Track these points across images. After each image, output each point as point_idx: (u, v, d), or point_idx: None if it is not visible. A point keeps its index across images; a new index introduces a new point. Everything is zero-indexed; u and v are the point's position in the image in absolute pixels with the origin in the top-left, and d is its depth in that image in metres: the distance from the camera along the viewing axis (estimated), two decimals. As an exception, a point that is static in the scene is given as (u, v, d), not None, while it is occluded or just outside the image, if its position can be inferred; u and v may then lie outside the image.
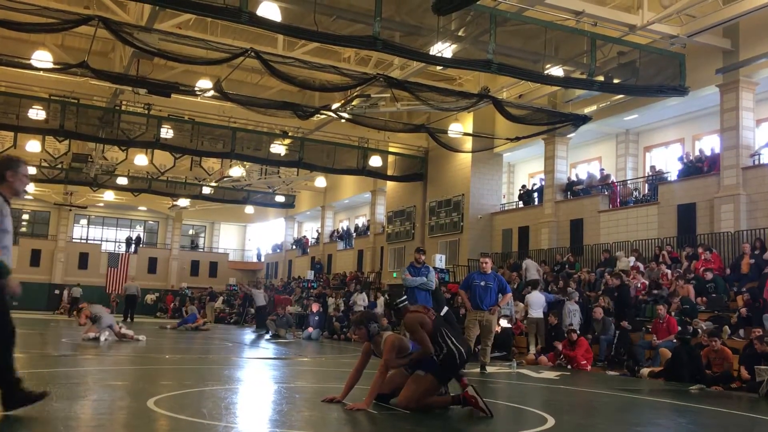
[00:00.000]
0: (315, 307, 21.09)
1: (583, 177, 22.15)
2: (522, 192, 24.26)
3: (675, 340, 11.69)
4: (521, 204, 24.05)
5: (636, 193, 20.55)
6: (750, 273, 14.14)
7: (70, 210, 40.38)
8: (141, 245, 43.92)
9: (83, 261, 40.66)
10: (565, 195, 21.52)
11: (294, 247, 41.06)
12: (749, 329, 11.13)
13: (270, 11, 12.97)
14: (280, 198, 34.04)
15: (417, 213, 26.71)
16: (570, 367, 12.66)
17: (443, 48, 13.71)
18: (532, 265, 18.74)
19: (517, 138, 19.75)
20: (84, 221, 45.08)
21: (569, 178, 22.17)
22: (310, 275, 32.00)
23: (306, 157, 24.02)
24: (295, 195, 36.01)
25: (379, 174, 26.36)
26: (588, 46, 14.03)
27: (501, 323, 13.72)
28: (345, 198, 35.05)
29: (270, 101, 19.27)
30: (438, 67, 18.51)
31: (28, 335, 15.02)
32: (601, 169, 21.98)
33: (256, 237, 48.70)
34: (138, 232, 45.65)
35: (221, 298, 34.00)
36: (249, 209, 41.40)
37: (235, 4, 11.46)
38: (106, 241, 44.48)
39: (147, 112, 21.60)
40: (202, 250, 47.80)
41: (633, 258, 17.05)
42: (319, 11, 12.28)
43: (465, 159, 23.93)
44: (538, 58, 14.32)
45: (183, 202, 37.18)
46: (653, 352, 12.37)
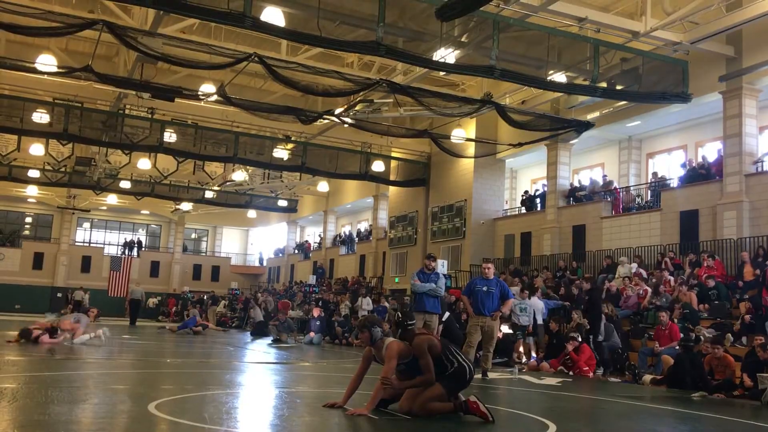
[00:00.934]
0: (316, 312, 21.08)
1: (586, 183, 22.14)
2: (524, 198, 24.25)
3: (678, 347, 11.65)
4: (524, 210, 24.03)
5: (638, 200, 20.53)
6: (754, 280, 14.11)
7: (73, 213, 40.46)
8: (143, 249, 43.95)
9: (86, 264, 40.69)
10: (568, 201, 21.51)
11: (296, 252, 41.08)
12: (752, 336, 11.09)
13: (274, 16, 12.98)
14: (282, 202, 34.05)
15: (419, 218, 26.71)
16: (572, 374, 12.63)
17: (446, 54, 13.73)
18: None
19: (520, 144, 19.75)
20: (87, 224, 45.16)
21: (572, 184, 22.16)
22: (312, 280, 32.02)
23: (309, 162, 24.04)
24: (298, 199, 36.04)
25: (382, 179, 26.38)
26: (591, 52, 14.05)
27: (502, 329, 13.69)
28: (347, 203, 35.06)
29: (273, 106, 19.31)
30: (441, 73, 18.53)
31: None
32: (604, 176, 21.97)
33: (258, 241, 48.73)
34: (139, 235, 45.68)
35: (223, 302, 34.01)
36: (251, 213, 41.44)
37: (239, 9, 11.49)
38: (108, 245, 44.54)
39: (150, 116, 21.64)
40: (204, 254, 47.86)
41: (635, 264, 17.03)
42: (323, 16, 12.31)
43: (467, 164, 23.93)
44: (541, 64, 14.33)
45: (186, 206, 37.22)
46: (655, 359, 12.34)
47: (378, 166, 25.42)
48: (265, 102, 20.13)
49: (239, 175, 29.38)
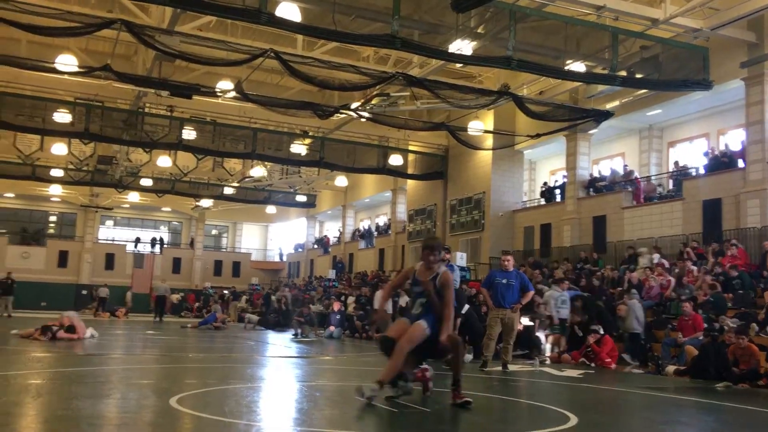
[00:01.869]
0: (336, 306, 21.15)
1: (606, 173, 21.92)
2: (544, 189, 24.08)
3: (703, 337, 11.52)
4: (543, 201, 23.87)
5: (660, 189, 20.27)
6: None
7: (96, 211, 40.98)
8: (165, 245, 44.39)
9: (110, 262, 41.17)
10: (588, 192, 21.31)
11: (315, 247, 41.22)
12: (777, 326, 10.93)
13: (289, 12, 13.02)
14: (301, 198, 34.17)
15: (438, 211, 26.65)
16: (594, 365, 12.54)
17: (462, 45, 13.65)
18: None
19: (538, 135, 19.57)
20: (110, 222, 45.69)
21: (591, 174, 21.95)
22: (331, 274, 32.09)
23: (327, 157, 24.09)
24: (316, 194, 36.11)
25: (400, 172, 26.35)
26: (610, 40, 13.86)
27: (522, 321, 13.60)
28: (366, 197, 35.09)
29: (290, 101, 19.36)
30: (457, 65, 18.44)
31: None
32: (624, 165, 21.73)
33: (278, 237, 48.96)
34: (161, 233, 46.15)
35: (244, 297, 34.25)
36: (271, 209, 41.61)
37: (255, 5, 11.54)
38: (131, 242, 45.06)
39: (170, 113, 21.83)
40: (224, 249, 48.22)
41: (657, 255, 16.82)
42: (338, 11, 12.32)
43: (485, 156, 23.81)
44: (558, 54, 14.20)
45: (206, 202, 37.50)
46: (678, 349, 12.21)
47: (396, 159, 25.39)
48: (282, 97, 20.21)
49: (258, 171, 29.52)
